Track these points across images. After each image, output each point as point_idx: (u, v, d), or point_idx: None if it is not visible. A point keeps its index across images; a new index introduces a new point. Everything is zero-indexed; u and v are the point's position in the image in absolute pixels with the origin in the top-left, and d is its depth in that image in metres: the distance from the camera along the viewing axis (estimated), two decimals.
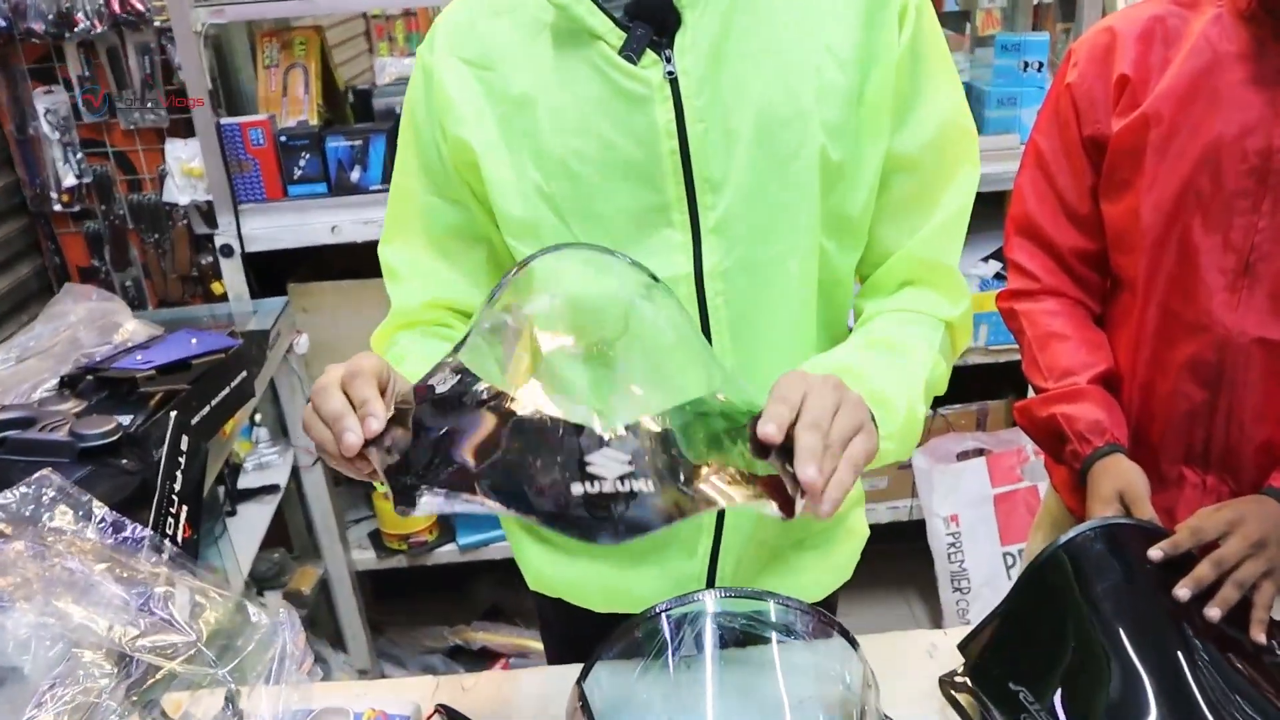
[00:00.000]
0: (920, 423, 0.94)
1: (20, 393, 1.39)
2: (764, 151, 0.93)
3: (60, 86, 2.12)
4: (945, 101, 0.99)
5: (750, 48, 0.94)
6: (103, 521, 1.12)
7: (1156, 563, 1.03)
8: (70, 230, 2.24)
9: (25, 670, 0.97)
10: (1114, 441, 1.17)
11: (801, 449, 0.74)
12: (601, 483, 0.73)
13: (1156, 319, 1.19)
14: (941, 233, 1.00)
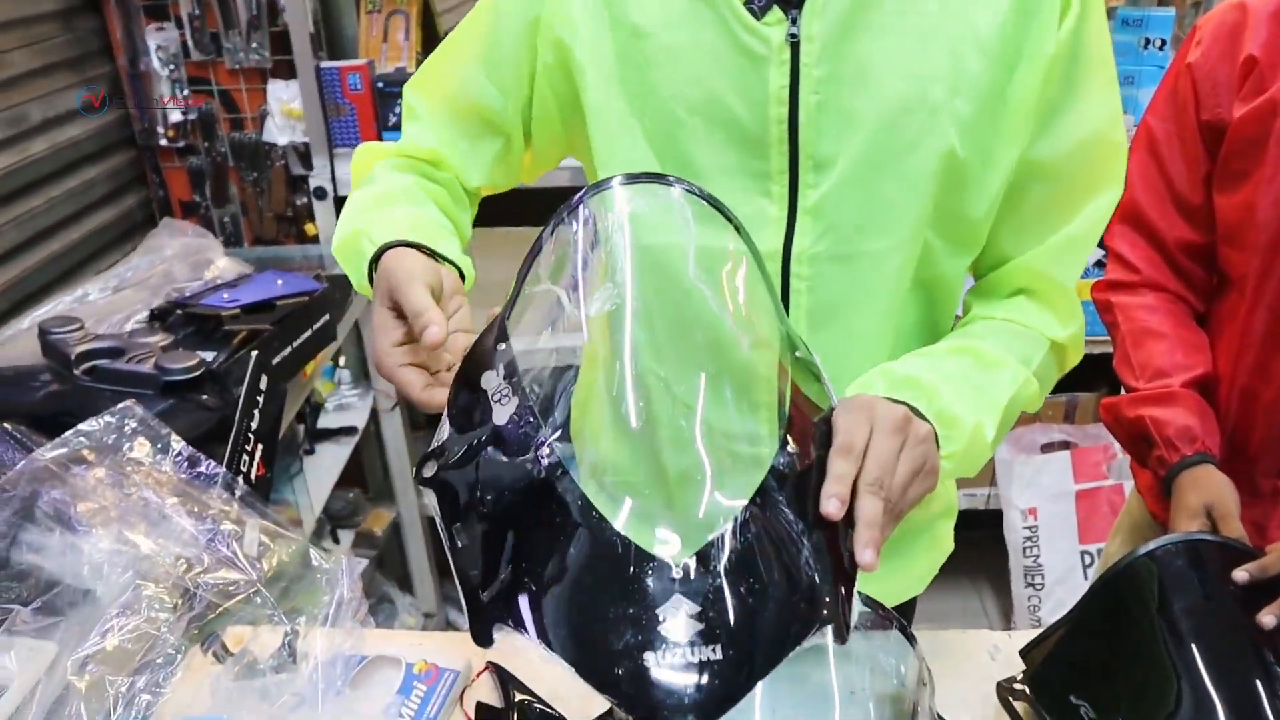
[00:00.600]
0: (988, 445, 0.88)
1: (113, 323, 1.43)
2: (881, 138, 0.87)
3: (171, 24, 2.17)
4: (1099, 111, 0.90)
5: (886, 23, 0.86)
6: (179, 455, 1.15)
7: (1241, 585, 0.98)
8: (174, 165, 2.29)
9: (98, 593, 1.01)
10: (1204, 451, 1.12)
11: (862, 522, 0.69)
12: (674, 651, 0.64)
13: (1265, 322, 1.12)
14: (1066, 249, 0.93)
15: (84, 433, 1.13)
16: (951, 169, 0.87)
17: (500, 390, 0.71)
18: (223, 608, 0.96)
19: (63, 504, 1.05)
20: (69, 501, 1.05)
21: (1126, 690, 0.94)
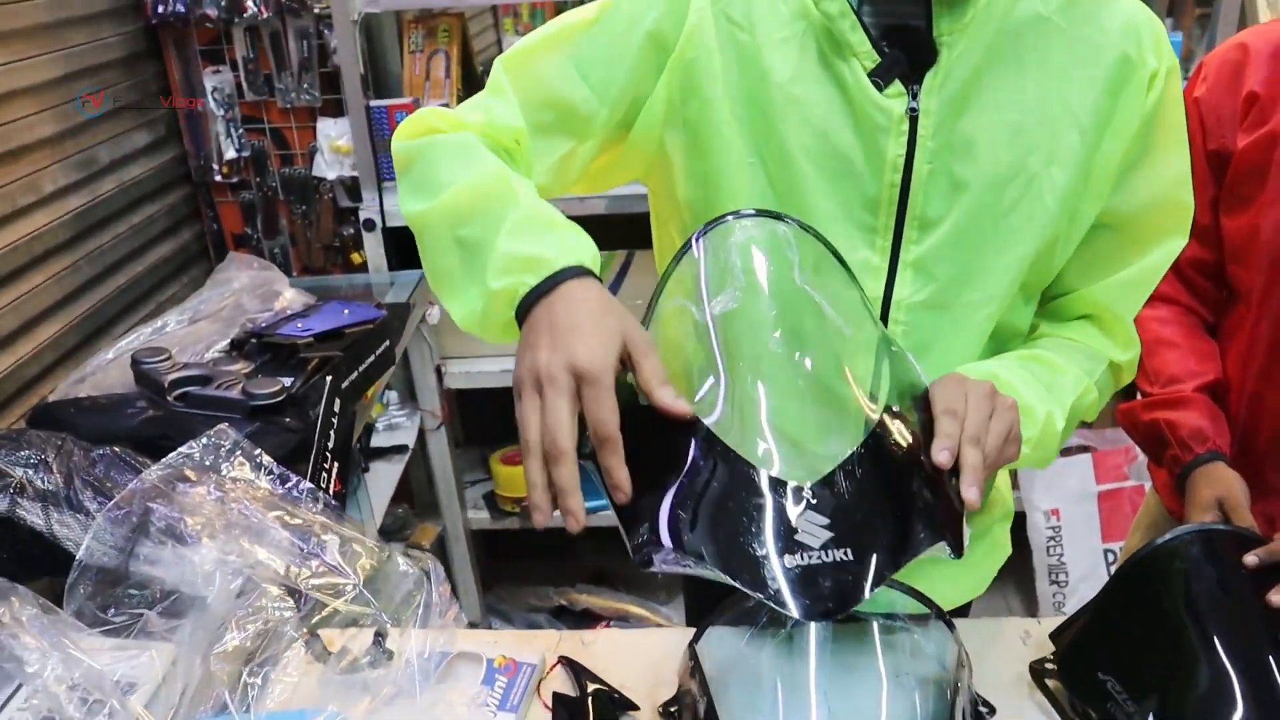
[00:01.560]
0: (1058, 435, 0.99)
1: (195, 352, 1.55)
2: (983, 203, 0.96)
3: (227, 67, 2.29)
4: (1170, 171, 1.00)
5: (994, 99, 0.94)
6: (271, 473, 1.26)
7: (1252, 569, 1.07)
8: (228, 199, 2.42)
9: (209, 600, 1.11)
10: (1215, 449, 1.21)
11: (966, 468, 0.82)
12: (810, 553, 0.76)
13: (1270, 332, 1.21)
14: (1128, 286, 1.03)
15: (185, 454, 1.23)
16: (1046, 230, 0.97)
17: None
18: (329, 608, 1.06)
19: (173, 519, 1.16)
20: (178, 516, 1.16)
21: (1150, 667, 1.03)
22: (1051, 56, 0.94)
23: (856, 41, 0.93)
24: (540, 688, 1.14)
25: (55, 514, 1.18)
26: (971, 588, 1.22)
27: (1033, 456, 0.96)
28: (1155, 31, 0.97)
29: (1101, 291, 1.03)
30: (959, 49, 0.93)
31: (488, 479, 2.61)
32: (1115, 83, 0.95)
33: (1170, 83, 0.97)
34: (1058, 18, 0.94)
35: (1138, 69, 0.95)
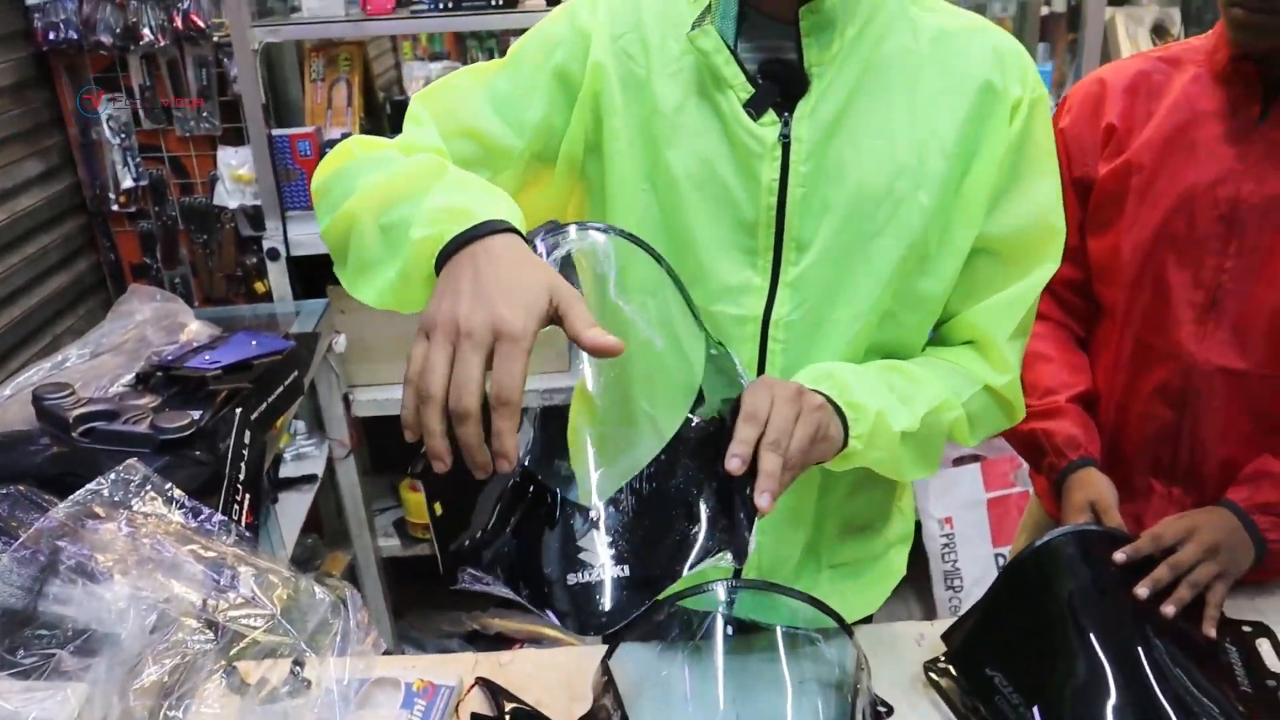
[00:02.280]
0: (896, 434, 0.99)
1: (99, 386, 1.53)
2: (854, 225, 1.01)
3: (123, 95, 2.26)
4: (1040, 198, 1.06)
5: (863, 126, 1.00)
6: (183, 506, 1.25)
7: (1121, 565, 1.15)
8: (125, 229, 2.38)
9: (123, 637, 1.11)
10: (1087, 455, 1.30)
11: (763, 473, 0.84)
12: (589, 571, 0.81)
13: (1131, 346, 1.31)
14: (1002, 309, 1.08)
15: (94, 490, 1.22)
16: (914, 250, 1.02)
17: None
18: (247, 639, 1.07)
19: (83, 557, 1.15)
20: (88, 554, 1.15)
21: (1031, 661, 1.11)
22: (920, 86, 1.00)
23: (731, 75, 0.99)
24: (459, 709, 1.17)
25: None
26: (863, 607, 1.27)
27: (870, 455, 0.98)
28: (1021, 62, 1.03)
29: (980, 314, 1.09)
30: (829, 79, 0.99)
31: (397, 506, 2.61)
32: (981, 110, 1.00)
33: (1036, 111, 1.03)
34: (926, 49, 1.02)
35: (1003, 97, 1.00)
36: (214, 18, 2.19)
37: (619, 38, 1.03)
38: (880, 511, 1.25)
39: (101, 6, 2.19)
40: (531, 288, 0.75)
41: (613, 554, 0.82)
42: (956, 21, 1.04)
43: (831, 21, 0.98)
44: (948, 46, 1.02)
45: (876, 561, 1.26)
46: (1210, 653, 1.14)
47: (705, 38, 0.99)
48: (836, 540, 1.22)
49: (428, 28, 2.40)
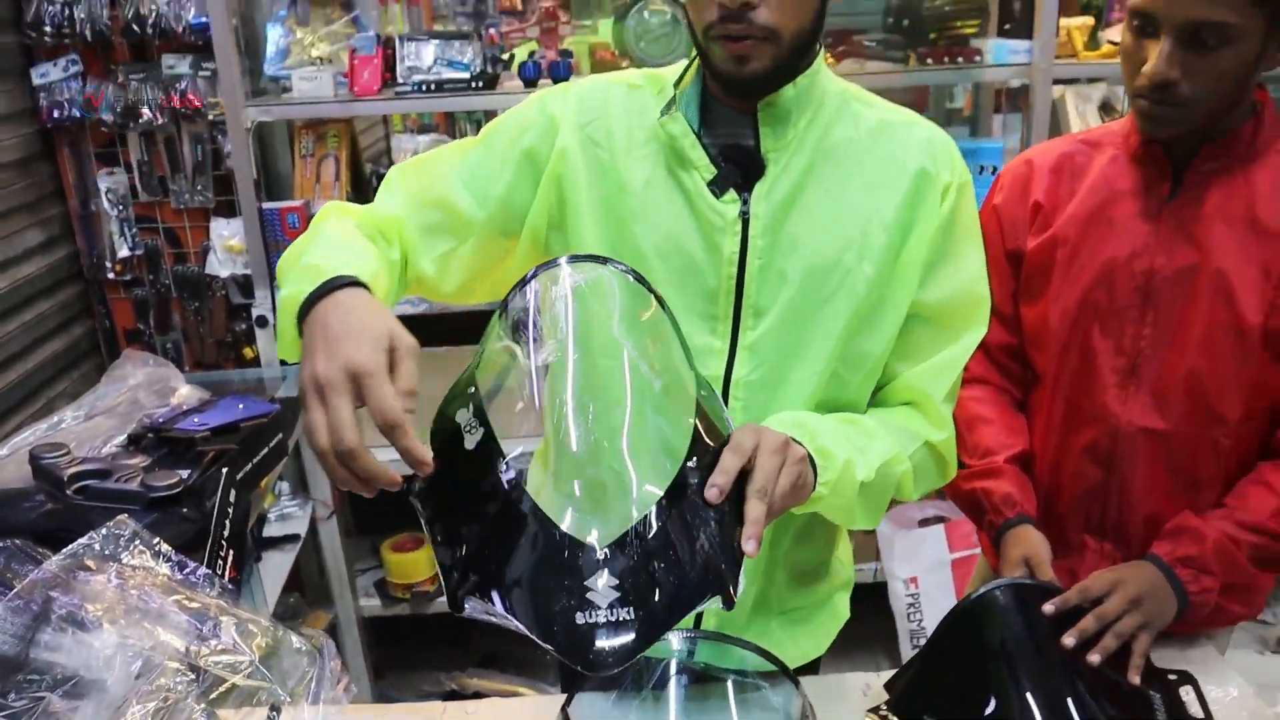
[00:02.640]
0: (856, 484, 1.08)
1: (93, 447, 1.60)
2: (805, 293, 1.12)
3: (121, 169, 2.37)
4: (967, 270, 1.18)
5: (814, 205, 1.12)
6: (169, 560, 1.32)
7: (1051, 616, 1.23)
8: (120, 296, 2.47)
9: (108, 683, 1.17)
10: (1023, 513, 1.38)
11: (749, 520, 0.92)
12: (597, 612, 0.85)
13: (1063, 409, 1.40)
14: (937, 371, 1.18)
15: (85, 544, 1.29)
16: (858, 315, 1.13)
17: (470, 423, 0.91)
18: (227, 684, 1.14)
19: (74, 606, 1.21)
20: (79, 604, 1.22)
21: (966, 704, 1.17)
22: (863, 170, 1.13)
23: (696, 157, 1.11)
24: None
25: None
26: (811, 649, 1.35)
27: (831, 501, 1.06)
28: (949, 151, 1.16)
29: (918, 377, 1.19)
30: (783, 163, 1.11)
31: (378, 566, 2.66)
32: (915, 193, 1.13)
33: (963, 194, 1.16)
34: (867, 140, 1.14)
35: (935, 182, 1.13)
36: (210, 97, 2.31)
37: (586, 125, 1.15)
38: (823, 560, 1.33)
39: (103, 86, 2.32)
40: (372, 328, 0.87)
41: (618, 596, 0.86)
42: (893, 115, 1.17)
43: (786, 113, 1.10)
44: (887, 137, 1.14)
45: (822, 607, 1.35)
46: (1135, 699, 1.21)
47: (674, 123, 1.12)
48: (786, 588, 1.30)
49: (411, 108, 2.52)
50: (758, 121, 1.11)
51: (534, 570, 0.88)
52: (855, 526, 1.21)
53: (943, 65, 2.29)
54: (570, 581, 0.87)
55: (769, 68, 1.05)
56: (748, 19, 1.01)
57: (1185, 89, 1.17)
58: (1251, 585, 1.31)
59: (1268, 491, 1.29)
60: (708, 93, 1.13)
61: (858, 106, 1.16)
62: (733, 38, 1.02)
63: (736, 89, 1.09)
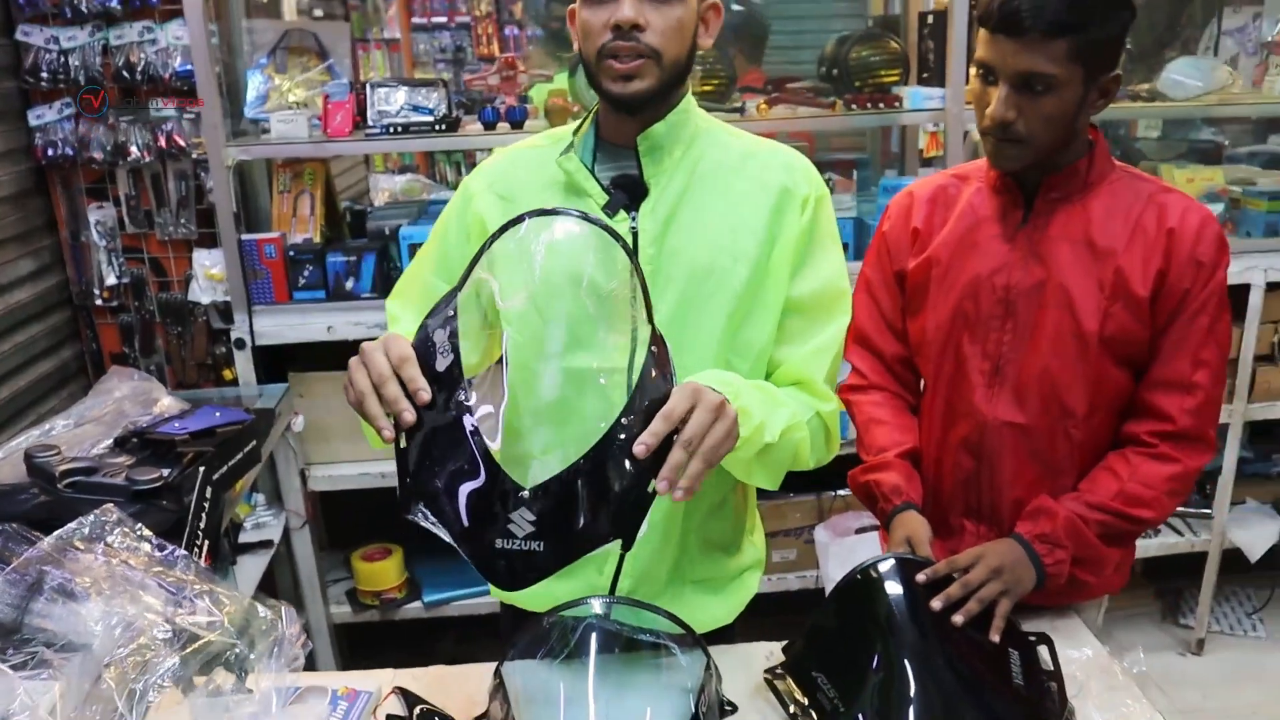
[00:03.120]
0: (761, 444, 1.24)
1: (82, 449, 1.78)
2: (689, 293, 1.34)
3: (110, 203, 2.56)
4: (829, 268, 1.39)
5: (692, 219, 1.34)
6: (151, 543, 1.49)
7: (924, 585, 1.40)
8: (107, 321, 2.65)
9: (94, 646, 1.33)
10: (908, 500, 1.56)
11: (667, 465, 1.06)
12: (514, 540, 1.06)
13: (941, 407, 1.60)
14: (814, 356, 1.38)
15: (75, 528, 1.46)
16: (737, 310, 1.35)
17: (443, 346, 1.09)
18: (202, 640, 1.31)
19: (65, 580, 1.38)
20: (69, 578, 1.39)
21: (848, 662, 1.34)
22: (732, 189, 1.35)
23: (590, 187, 1.34)
24: (376, 711, 1.40)
25: None
26: (723, 615, 1.53)
27: (738, 455, 1.20)
28: (807, 168, 1.39)
29: (800, 361, 1.38)
30: (662, 186, 1.34)
31: (349, 577, 2.82)
32: (779, 206, 1.35)
33: (820, 205, 1.37)
34: (736, 163, 1.37)
35: (794, 196, 1.35)
36: (194, 138, 2.50)
37: (493, 185, 1.41)
38: (734, 534, 1.52)
39: (95, 127, 2.51)
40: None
41: (533, 530, 1.06)
42: (757, 145, 1.40)
43: (661, 145, 1.33)
44: (753, 161, 1.38)
45: (733, 580, 1.53)
46: (996, 656, 1.38)
47: (569, 161, 1.34)
48: (699, 558, 1.49)
49: (379, 148, 2.72)
50: (639, 154, 1.33)
51: (470, 494, 1.07)
52: (755, 484, 1.39)
53: (866, 110, 2.52)
54: (497, 510, 1.06)
55: (652, 86, 1.27)
56: (635, 38, 1.25)
57: (1021, 127, 1.38)
58: (1100, 558, 1.49)
59: (1112, 477, 1.48)
60: (599, 136, 1.37)
61: (726, 137, 1.39)
62: (622, 58, 1.25)
63: (624, 104, 1.30)
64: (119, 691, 1.25)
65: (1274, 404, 2.85)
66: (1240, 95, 2.87)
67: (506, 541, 1.06)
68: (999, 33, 1.36)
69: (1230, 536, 2.95)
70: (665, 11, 1.26)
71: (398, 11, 5.51)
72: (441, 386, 1.08)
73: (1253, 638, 3.09)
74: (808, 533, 2.79)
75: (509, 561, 1.06)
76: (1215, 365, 1.46)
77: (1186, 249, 1.43)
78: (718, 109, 2.50)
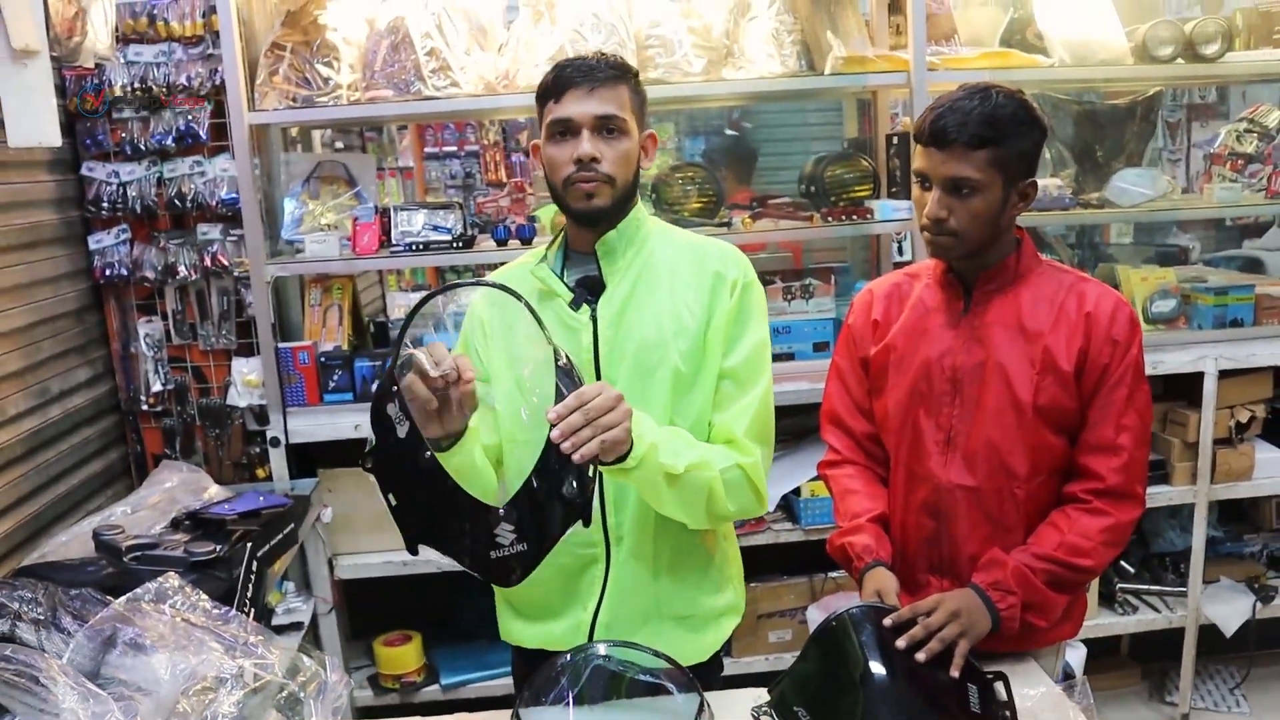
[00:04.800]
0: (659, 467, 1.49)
1: (141, 529, 1.99)
2: (638, 365, 1.61)
3: (158, 317, 2.83)
4: (754, 339, 1.66)
5: (643, 304, 1.63)
6: (206, 603, 1.69)
7: (890, 629, 1.59)
8: (151, 425, 2.88)
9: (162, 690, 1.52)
10: (878, 559, 1.76)
11: (566, 421, 1.34)
12: (503, 549, 1.35)
13: (903, 475, 1.81)
14: (738, 414, 1.63)
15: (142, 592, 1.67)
16: (679, 379, 1.62)
17: (397, 417, 1.34)
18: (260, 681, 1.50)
19: (136, 635, 1.58)
20: (140, 633, 1.58)
21: (826, 696, 1.53)
22: (677, 278, 1.65)
23: (558, 288, 1.65)
24: None
25: (44, 633, 1.59)
26: (708, 647, 1.75)
27: (641, 474, 1.48)
28: (738, 259, 1.67)
29: (727, 421, 1.63)
30: (617, 281, 1.64)
31: (371, 664, 2.98)
32: (714, 290, 1.64)
33: (748, 290, 1.65)
34: (683, 255, 1.67)
35: (725, 280, 1.64)
36: (235, 257, 2.79)
37: (492, 302, 1.69)
38: (706, 574, 1.74)
39: (148, 250, 2.79)
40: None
41: (515, 536, 1.33)
42: (698, 240, 1.71)
43: (615, 248, 1.64)
44: (694, 253, 1.68)
45: (709, 622, 1.74)
46: (956, 690, 1.56)
47: (540, 270, 1.66)
48: (672, 594, 1.70)
49: (403, 264, 3.00)
50: (598, 257, 1.64)
51: (461, 525, 1.35)
52: (669, 514, 1.60)
53: (841, 222, 2.79)
54: (484, 533, 1.34)
55: (607, 203, 1.59)
56: (594, 169, 1.57)
57: (953, 223, 1.63)
58: (1048, 603, 1.67)
59: (1054, 530, 1.69)
60: (568, 247, 1.68)
61: (674, 236, 1.72)
62: (584, 181, 1.57)
63: (586, 219, 1.61)
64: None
65: (1235, 485, 3.03)
66: (1180, 200, 3.15)
67: (498, 551, 1.33)
68: (930, 145, 1.63)
69: (1205, 613, 3.10)
70: (615, 145, 1.58)
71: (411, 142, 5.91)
72: (408, 452, 1.34)
73: (1236, 713, 3.20)
74: (801, 614, 2.95)
75: (505, 564, 1.34)
76: (1137, 429, 1.68)
77: (1103, 329, 1.66)
78: (706, 224, 2.78)
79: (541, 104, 1.62)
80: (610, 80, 1.58)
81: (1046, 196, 2.86)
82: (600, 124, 1.57)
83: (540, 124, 1.63)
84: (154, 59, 2.69)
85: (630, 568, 1.66)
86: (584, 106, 1.56)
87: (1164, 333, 2.99)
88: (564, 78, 1.58)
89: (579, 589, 1.67)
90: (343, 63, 2.70)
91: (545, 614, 1.69)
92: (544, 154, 1.62)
